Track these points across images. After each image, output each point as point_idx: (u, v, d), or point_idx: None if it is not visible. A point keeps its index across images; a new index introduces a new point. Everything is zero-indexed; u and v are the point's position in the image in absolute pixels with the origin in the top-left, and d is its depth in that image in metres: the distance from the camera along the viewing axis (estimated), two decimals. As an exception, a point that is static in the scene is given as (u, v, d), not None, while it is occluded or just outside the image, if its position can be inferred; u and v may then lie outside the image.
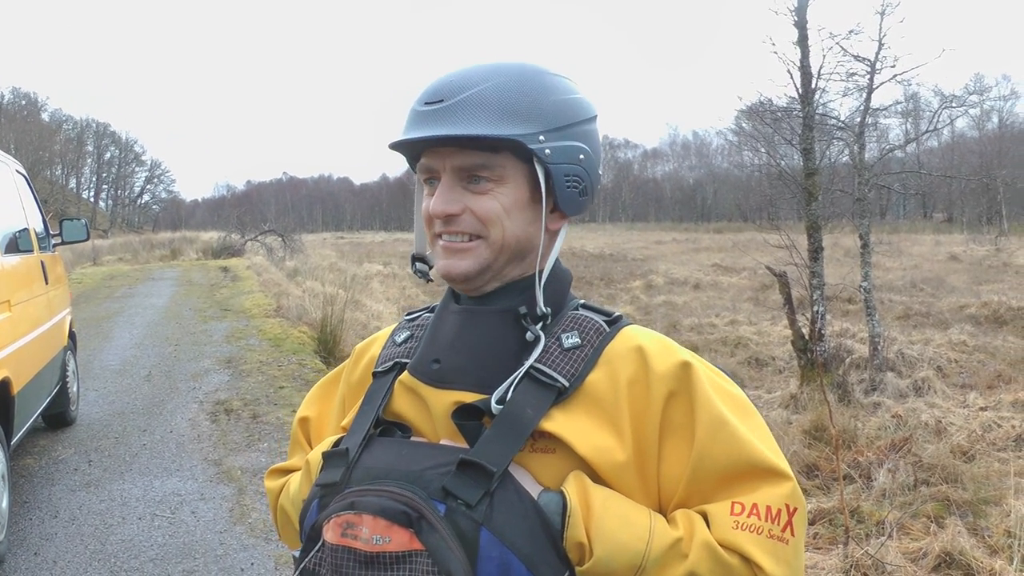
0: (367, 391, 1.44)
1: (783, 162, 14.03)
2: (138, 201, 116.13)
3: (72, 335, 8.39)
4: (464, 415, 1.28)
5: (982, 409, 9.59)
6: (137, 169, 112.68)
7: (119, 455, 7.09)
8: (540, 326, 1.34)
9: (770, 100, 12.79)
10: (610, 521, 1.19)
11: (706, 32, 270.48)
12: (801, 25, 11.07)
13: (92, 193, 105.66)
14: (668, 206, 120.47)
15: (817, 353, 10.29)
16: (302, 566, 1.23)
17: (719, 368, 1.39)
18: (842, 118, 12.97)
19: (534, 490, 1.22)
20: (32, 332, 6.40)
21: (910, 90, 32.83)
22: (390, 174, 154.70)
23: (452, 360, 1.35)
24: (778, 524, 1.23)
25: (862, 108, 12.34)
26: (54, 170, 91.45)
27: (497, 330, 1.35)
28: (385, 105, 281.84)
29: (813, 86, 11.25)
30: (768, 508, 1.23)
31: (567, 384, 1.28)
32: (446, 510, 1.17)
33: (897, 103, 17.26)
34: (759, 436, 1.30)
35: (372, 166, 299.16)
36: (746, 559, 1.20)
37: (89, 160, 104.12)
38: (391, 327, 1.57)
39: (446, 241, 1.35)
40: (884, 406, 9.78)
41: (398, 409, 1.38)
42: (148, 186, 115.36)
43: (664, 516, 1.26)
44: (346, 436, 1.37)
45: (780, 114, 13.00)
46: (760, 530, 1.21)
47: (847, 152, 13.53)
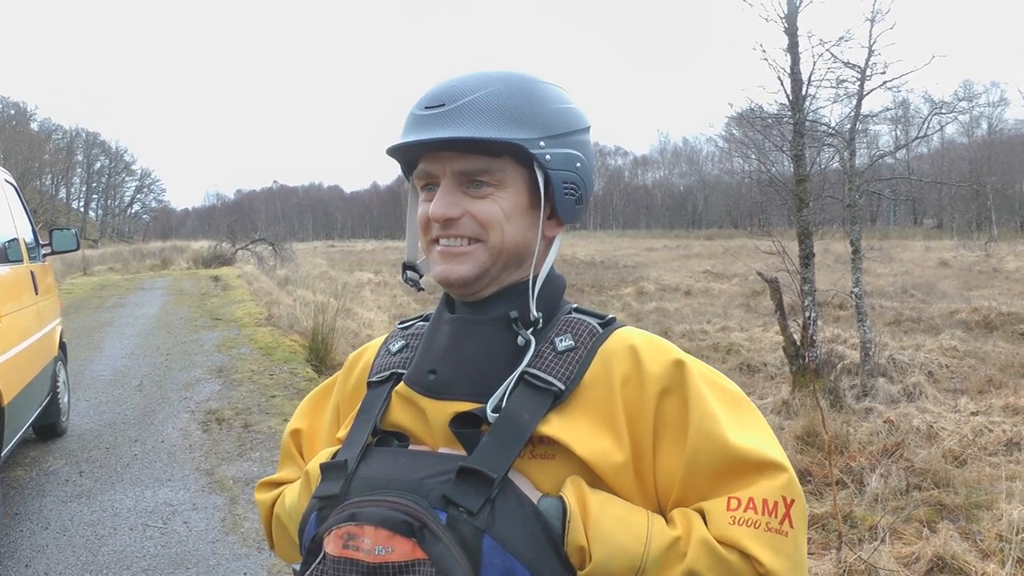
0: (363, 401, 1.44)
1: (774, 168, 14.07)
2: (128, 211, 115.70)
3: (63, 345, 8.36)
4: (462, 423, 1.28)
5: (973, 414, 9.61)
6: (127, 178, 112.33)
7: (110, 465, 7.07)
8: (531, 331, 1.34)
9: (761, 107, 12.87)
10: (608, 523, 1.19)
11: (696, 39, 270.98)
12: (791, 32, 11.11)
13: (82, 203, 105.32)
14: (659, 213, 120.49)
15: (809, 359, 10.31)
16: None
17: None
18: (832, 124, 12.99)
19: (533, 496, 1.22)
20: (22, 343, 6.37)
21: (900, 96, 33.04)
22: (380, 182, 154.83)
23: (447, 370, 1.34)
24: (775, 517, 1.22)
25: (852, 114, 12.36)
26: (44, 180, 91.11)
27: (491, 338, 1.35)
28: (376, 112, 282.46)
29: (803, 92, 11.28)
30: (764, 501, 1.23)
31: (563, 387, 1.28)
32: (447, 518, 1.16)
33: (887, 109, 17.36)
34: (753, 429, 1.30)
35: (362, 174, 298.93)
36: (745, 554, 1.20)
37: (79, 170, 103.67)
38: (383, 336, 1.57)
39: (444, 246, 1.34)
40: (876, 411, 9.80)
41: (396, 419, 1.38)
42: (138, 195, 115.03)
43: (663, 516, 1.26)
44: (343, 447, 1.37)
45: (771, 121, 13.04)
46: (757, 524, 1.21)
47: (837, 158, 13.55)
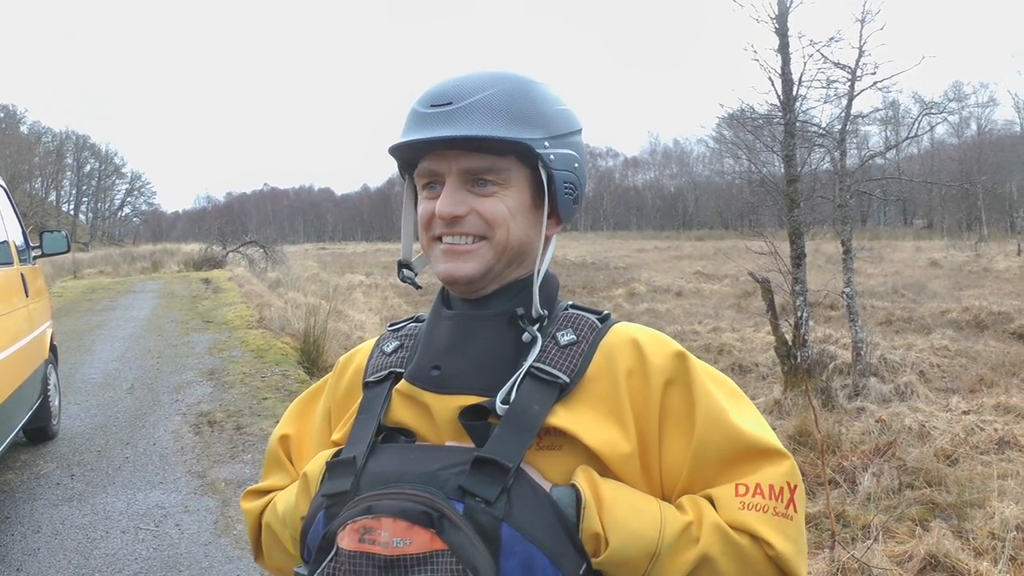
0: (362, 401, 1.43)
1: (765, 169, 14.08)
2: (118, 214, 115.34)
3: (53, 348, 8.33)
4: (470, 416, 1.29)
5: (965, 413, 9.64)
6: (117, 181, 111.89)
7: (102, 468, 7.05)
8: (537, 327, 1.36)
9: (751, 107, 12.83)
10: (622, 511, 1.21)
11: (687, 40, 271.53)
12: (782, 32, 11.11)
13: (72, 206, 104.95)
14: (649, 214, 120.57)
15: (801, 359, 10.32)
16: None
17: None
18: (823, 125, 13.00)
19: (545, 486, 1.23)
20: (12, 345, 6.35)
21: (890, 97, 33.12)
22: (371, 184, 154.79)
23: (452, 365, 1.35)
24: (782, 502, 1.26)
25: (843, 115, 12.37)
26: (33, 183, 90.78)
27: (494, 333, 1.36)
28: (366, 115, 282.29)
29: (794, 93, 11.28)
30: (771, 487, 1.27)
31: (568, 380, 1.30)
32: (464, 508, 1.17)
33: (877, 110, 17.39)
34: (754, 419, 1.34)
35: (353, 176, 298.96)
36: (755, 537, 1.23)
37: (69, 173, 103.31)
38: (373, 340, 1.57)
39: (448, 243, 1.35)
40: (868, 411, 9.81)
41: (398, 417, 1.38)
42: (128, 198, 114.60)
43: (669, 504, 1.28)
44: (347, 446, 1.36)
45: (761, 121, 13.04)
46: (766, 508, 1.25)
47: (828, 159, 13.57)
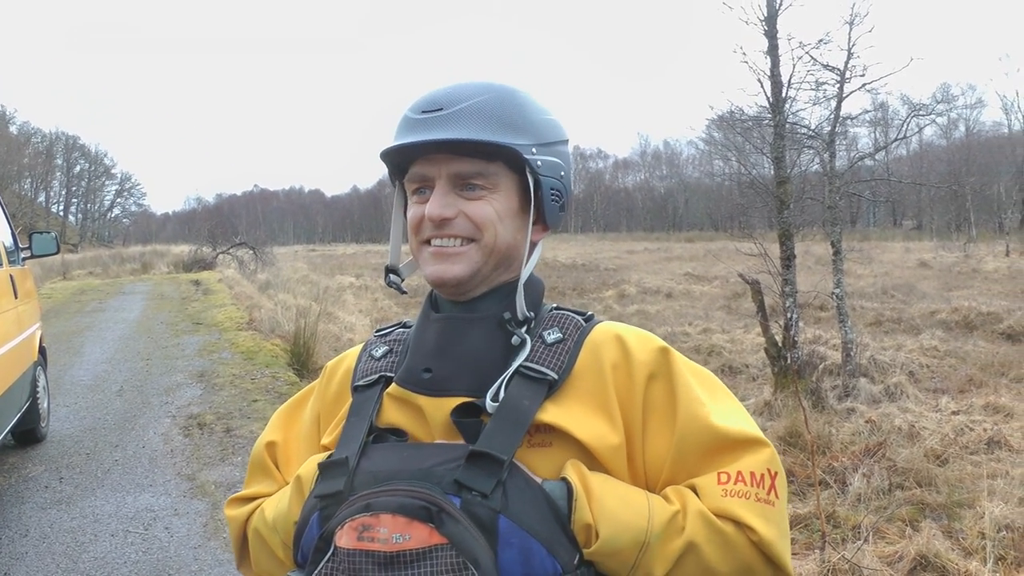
0: (352, 404, 1.44)
1: (754, 171, 14.11)
2: (108, 215, 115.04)
3: (42, 350, 8.30)
4: (461, 414, 1.31)
5: (954, 413, 9.67)
6: (107, 183, 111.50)
7: (91, 471, 7.03)
8: (524, 329, 1.38)
9: (741, 109, 12.85)
10: (611, 502, 1.24)
11: (676, 42, 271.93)
12: (771, 35, 11.12)
13: (61, 207, 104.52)
14: (639, 216, 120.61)
15: (791, 360, 10.33)
16: None
17: None
18: (812, 127, 13.02)
19: (536, 480, 1.26)
20: (1, 347, 6.33)
21: (879, 99, 33.19)
22: (361, 186, 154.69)
23: (443, 368, 1.37)
24: (763, 488, 1.30)
25: (832, 117, 12.40)
26: (23, 184, 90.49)
27: (484, 336, 1.39)
28: (357, 117, 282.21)
29: (783, 95, 11.30)
30: (752, 474, 1.30)
31: (556, 376, 1.33)
32: (461, 502, 1.19)
33: (866, 112, 17.43)
34: (735, 411, 1.38)
35: (343, 178, 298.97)
36: (739, 524, 1.26)
37: (58, 174, 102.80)
38: (360, 345, 1.59)
39: (437, 246, 1.38)
40: (858, 411, 9.83)
41: (389, 420, 1.39)
42: (118, 200, 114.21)
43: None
44: (338, 448, 1.37)
45: (751, 123, 13.07)
46: (748, 495, 1.28)
47: (818, 160, 13.61)
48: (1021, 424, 9.07)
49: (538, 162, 1.36)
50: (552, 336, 1.38)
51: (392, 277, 1.53)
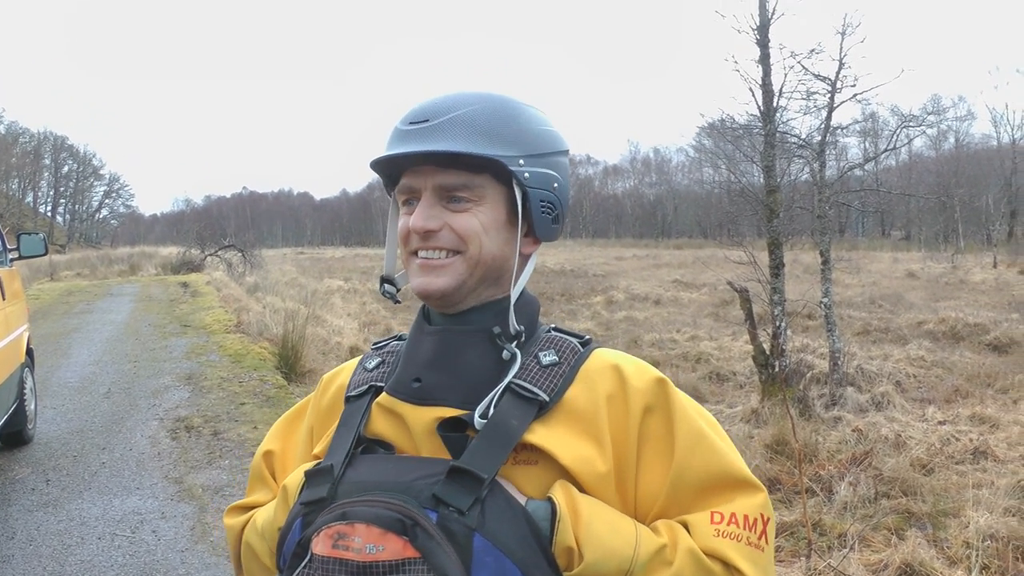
0: (342, 415, 1.44)
1: (744, 179, 14.14)
2: (96, 216, 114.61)
3: (30, 352, 8.28)
4: (448, 428, 1.30)
5: (940, 423, 9.72)
6: (95, 183, 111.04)
7: (78, 474, 7.01)
8: (515, 344, 1.37)
9: (732, 117, 12.89)
10: (599, 527, 1.22)
11: (668, 50, 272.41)
12: (763, 44, 11.17)
13: (49, 207, 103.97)
14: (628, 222, 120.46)
15: (778, 368, 10.36)
16: None
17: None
18: (803, 136, 13.07)
19: (520, 500, 1.24)
20: (-11, 348, 6.32)
21: (869, 109, 33.32)
22: (350, 189, 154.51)
23: (433, 378, 1.36)
24: (755, 532, 1.29)
25: (822, 126, 12.45)
26: (10, 184, 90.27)
27: (477, 349, 1.37)
28: (346, 120, 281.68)
29: (775, 104, 11.34)
30: (745, 517, 1.29)
31: (547, 398, 1.31)
32: (438, 518, 1.18)
33: (856, 122, 17.51)
34: (732, 450, 1.36)
35: (333, 181, 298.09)
36: (727, 565, 1.25)
37: (46, 174, 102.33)
38: (357, 358, 1.58)
39: (423, 258, 1.37)
40: (844, 420, 9.86)
41: (377, 430, 1.38)
42: (106, 200, 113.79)
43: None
44: (326, 457, 1.37)
45: (741, 131, 13.10)
46: (739, 537, 1.27)
47: (807, 170, 13.64)
48: (1007, 435, 9.12)
49: (525, 174, 1.35)
50: (548, 358, 1.36)
51: (387, 287, 1.53)
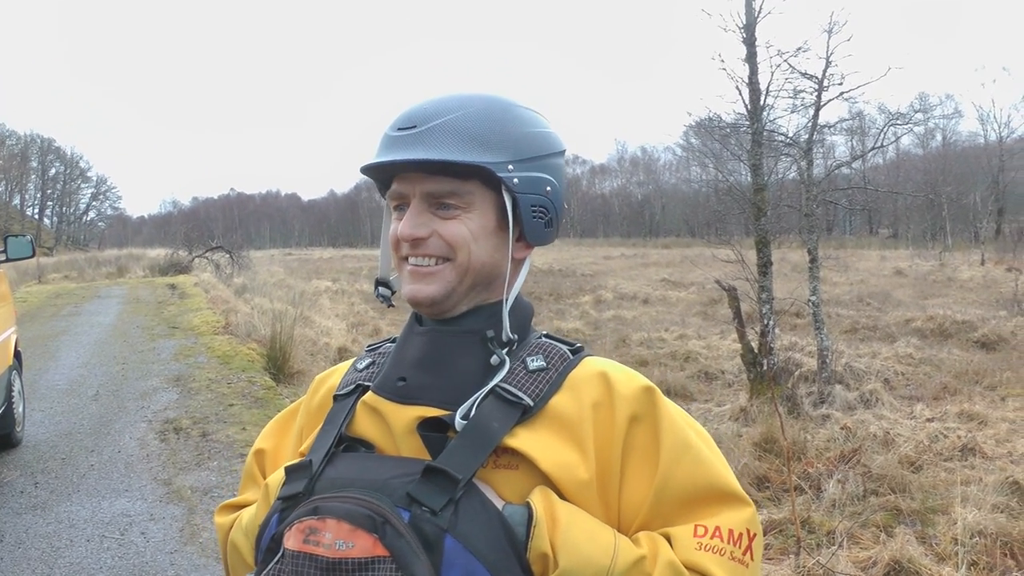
0: (329, 413, 1.44)
1: (732, 178, 14.17)
2: (84, 218, 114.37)
3: (18, 354, 8.26)
4: (429, 428, 1.29)
5: (929, 420, 9.74)
6: (83, 185, 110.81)
7: (66, 476, 6.99)
8: (506, 351, 1.36)
9: (719, 116, 12.92)
10: (577, 534, 1.19)
11: (655, 48, 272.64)
12: (750, 42, 11.19)
13: (37, 210, 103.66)
14: (616, 221, 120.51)
15: (767, 366, 10.38)
16: None
17: None
18: (790, 134, 13.10)
19: (498, 503, 1.22)
20: (-24, 351, 6.30)
21: (856, 108, 33.31)
22: (338, 190, 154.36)
23: (418, 378, 1.35)
24: (739, 547, 1.26)
25: (810, 125, 12.48)
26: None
27: (463, 350, 1.36)
28: (334, 121, 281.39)
29: (761, 102, 11.37)
30: (730, 531, 1.27)
31: (532, 403, 1.29)
32: (410, 517, 1.16)
33: (844, 120, 17.55)
34: (720, 462, 1.34)
35: (320, 182, 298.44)
36: None
37: (33, 176, 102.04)
38: (351, 360, 1.57)
39: (413, 265, 1.36)
40: (833, 418, 9.88)
41: (360, 430, 1.37)
42: (94, 203, 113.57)
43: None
44: (308, 454, 1.36)
45: (728, 130, 13.13)
46: (723, 552, 1.25)
47: (795, 168, 13.68)
48: (995, 431, 9.15)
49: (514, 179, 1.34)
50: (535, 363, 1.35)
51: (382, 290, 1.52)
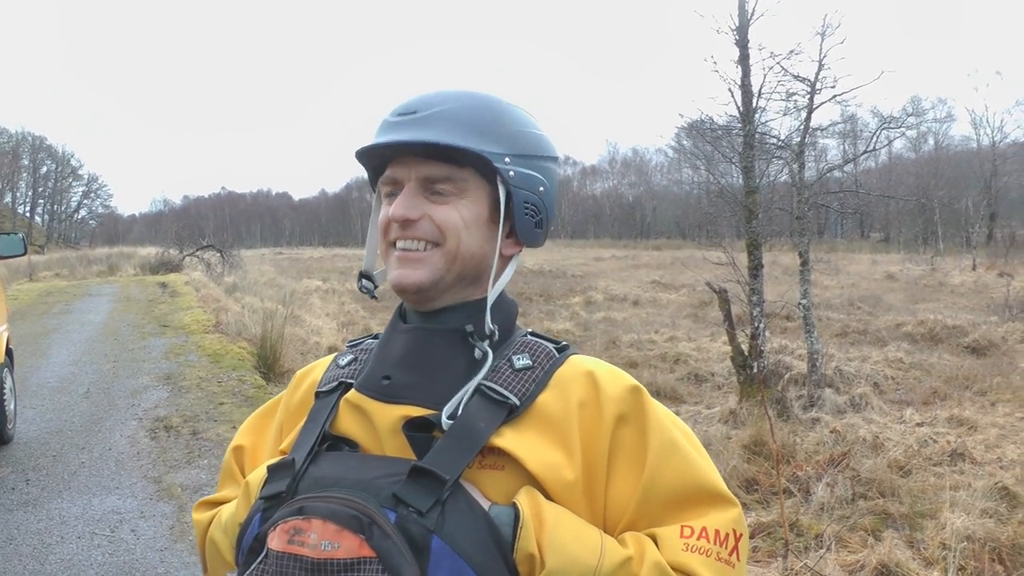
0: (311, 410, 1.42)
1: (723, 180, 14.19)
2: (75, 216, 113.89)
3: (9, 352, 8.24)
4: (414, 428, 1.29)
5: (918, 425, 9.78)
6: (74, 183, 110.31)
7: (57, 473, 6.98)
8: (488, 343, 1.35)
9: (711, 118, 12.92)
10: (563, 534, 1.19)
11: (647, 50, 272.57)
12: (742, 44, 11.22)
13: (28, 208, 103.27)
14: (607, 223, 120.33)
15: (757, 369, 10.41)
16: None
17: None
18: (782, 137, 13.13)
19: (484, 504, 1.22)
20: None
21: (849, 111, 33.39)
22: (329, 190, 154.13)
23: (402, 376, 1.35)
24: (726, 548, 1.26)
25: (802, 127, 12.49)
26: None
27: (447, 348, 1.36)
28: (326, 120, 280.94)
29: (754, 105, 11.40)
30: (717, 532, 1.27)
31: (518, 402, 1.29)
32: (396, 517, 1.16)
33: (836, 123, 17.55)
34: (706, 463, 1.34)
35: (311, 181, 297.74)
36: None
37: (25, 174, 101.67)
38: (331, 356, 1.56)
39: (401, 249, 1.36)
40: (822, 421, 9.91)
41: (343, 428, 1.36)
42: (85, 201, 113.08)
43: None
44: (290, 452, 1.35)
45: (720, 132, 13.15)
46: (709, 552, 1.25)
47: (787, 171, 13.69)
48: (984, 437, 9.19)
49: (510, 172, 1.34)
50: (521, 362, 1.34)
51: (365, 283, 1.51)
